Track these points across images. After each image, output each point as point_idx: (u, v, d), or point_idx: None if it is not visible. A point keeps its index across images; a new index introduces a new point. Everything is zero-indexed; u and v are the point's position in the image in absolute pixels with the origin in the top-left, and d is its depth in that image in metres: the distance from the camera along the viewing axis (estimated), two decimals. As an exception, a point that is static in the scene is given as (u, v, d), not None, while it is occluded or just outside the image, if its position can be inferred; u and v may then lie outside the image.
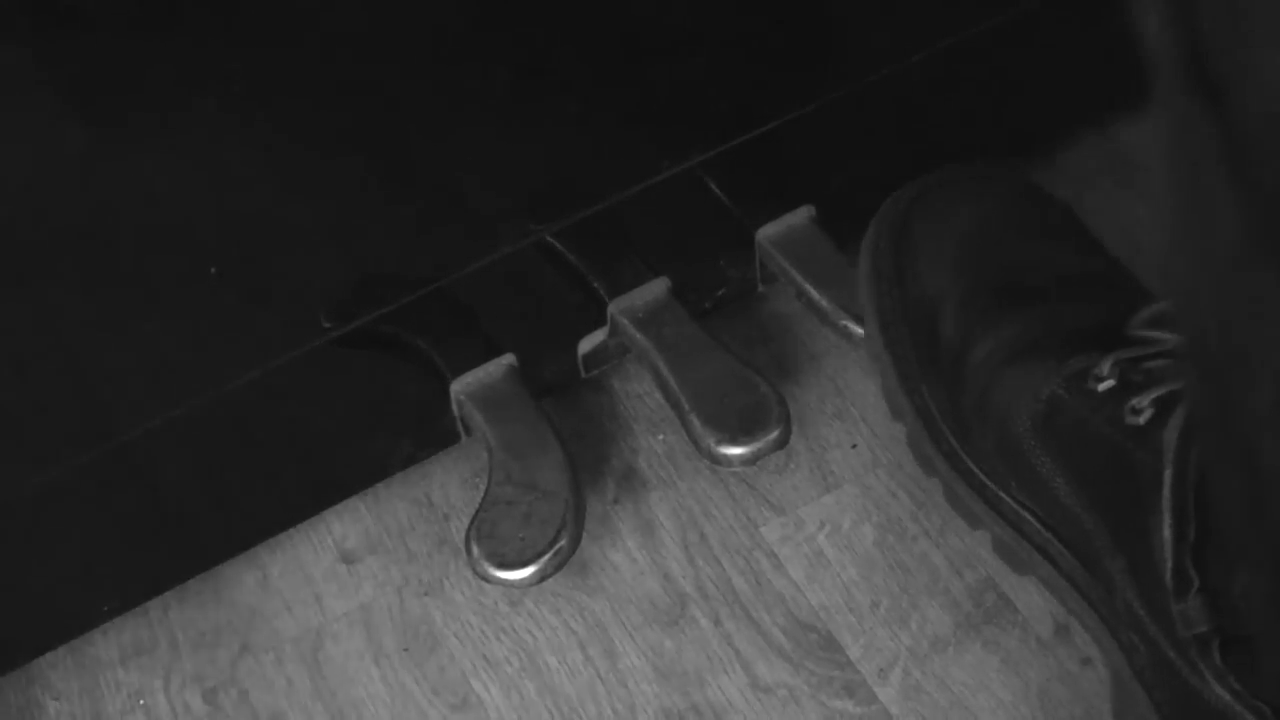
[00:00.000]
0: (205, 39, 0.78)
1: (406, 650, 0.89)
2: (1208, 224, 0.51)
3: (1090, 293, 0.84)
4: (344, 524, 0.94)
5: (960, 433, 0.84)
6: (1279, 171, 0.47)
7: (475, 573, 0.86)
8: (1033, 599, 0.87)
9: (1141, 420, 0.76)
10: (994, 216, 0.87)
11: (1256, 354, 0.52)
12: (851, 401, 0.94)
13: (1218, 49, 0.46)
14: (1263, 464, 0.54)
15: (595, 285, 0.92)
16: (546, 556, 0.85)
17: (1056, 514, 0.80)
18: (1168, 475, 0.73)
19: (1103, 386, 0.77)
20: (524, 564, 0.85)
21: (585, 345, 0.94)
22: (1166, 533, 0.73)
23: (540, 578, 0.85)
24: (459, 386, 0.90)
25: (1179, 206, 0.52)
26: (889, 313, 0.86)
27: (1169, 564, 0.73)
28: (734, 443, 0.87)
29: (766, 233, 0.94)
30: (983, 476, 0.84)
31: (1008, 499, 0.83)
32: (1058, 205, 0.89)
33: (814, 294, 0.92)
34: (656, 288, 0.92)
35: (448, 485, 0.95)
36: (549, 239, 0.90)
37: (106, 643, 0.91)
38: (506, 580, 0.85)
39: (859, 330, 0.90)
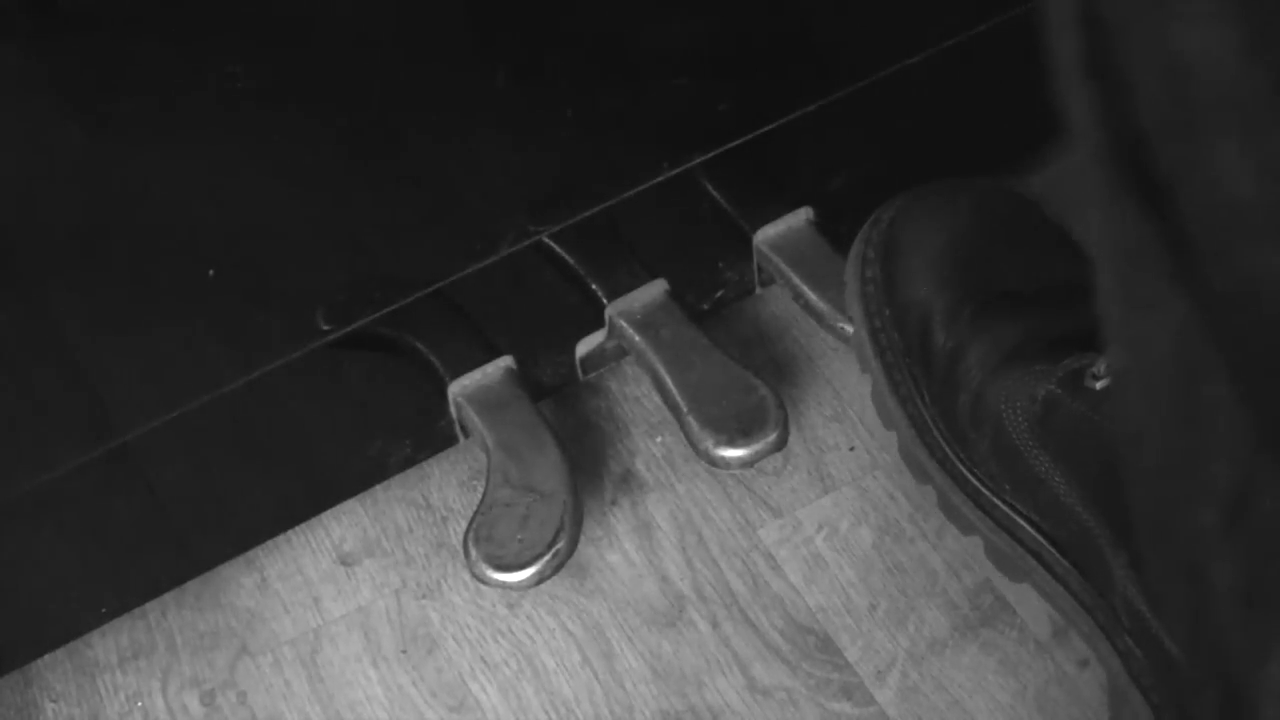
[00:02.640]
0: (205, 40, 0.78)
1: (404, 652, 0.89)
2: (1149, 327, 0.48)
3: (1077, 295, 0.84)
4: (342, 526, 0.94)
5: (954, 438, 0.84)
6: (1229, 271, 0.44)
7: (473, 575, 0.86)
8: (1030, 601, 0.87)
9: None
10: (977, 225, 0.87)
11: (1200, 468, 0.48)
12: (849, 403, 0.94)
13: (1161, 143, 0.43)
14: (1212, 585, 0.50)
15: (593, 287, 0.92)
16: (544, 559, 0.85)
17: (1054, 514, 0.80)
18: None
19: (1100, 384, 0.78)
20: (522, 566, 0.85)
21: (583, 347, 0.94)
22: None
23: (538, 580, 0.85)
24: (457, 389, 0.90)
25: (1115, 308, 0.49)
26: (878, 320, 0.86)
27: None
28: (732, 445, 0.87)
29: (764, 235, 0.94)
30: (976, 482, 0.84)
31: (1002, 504, 0.83)
32: (1039, 210, 0.89)
33: (812, 296, 0.92)
34: (654, 290, 0.92)
35: (446, 487, 0.95)
36: (547, 241, 0.90)
37: (104, 645, 0.91)
38: (504, 582, 0.85)
39: (857, 332, 0.90)
